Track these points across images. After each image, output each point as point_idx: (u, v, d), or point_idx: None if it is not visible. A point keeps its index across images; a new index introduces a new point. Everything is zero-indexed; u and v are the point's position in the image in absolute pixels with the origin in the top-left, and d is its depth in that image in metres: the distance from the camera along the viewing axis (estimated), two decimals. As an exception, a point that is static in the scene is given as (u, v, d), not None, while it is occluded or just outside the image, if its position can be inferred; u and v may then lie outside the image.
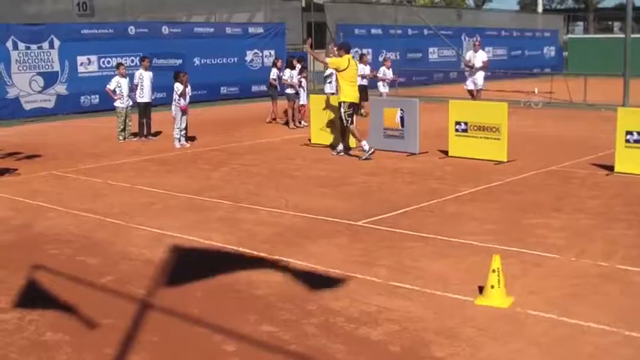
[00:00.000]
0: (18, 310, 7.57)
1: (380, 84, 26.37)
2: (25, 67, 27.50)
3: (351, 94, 16.98)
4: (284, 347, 6.52)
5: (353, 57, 17.90)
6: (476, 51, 25.15)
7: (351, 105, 16.96)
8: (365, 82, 24.64)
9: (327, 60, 18.65)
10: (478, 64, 24.49)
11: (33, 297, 8.02)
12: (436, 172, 14.79)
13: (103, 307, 7.64)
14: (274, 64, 25.66)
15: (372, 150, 16.49)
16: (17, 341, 6.78)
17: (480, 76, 24.45)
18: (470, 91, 24.62)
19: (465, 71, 25.24)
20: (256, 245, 9.70)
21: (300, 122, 23.17)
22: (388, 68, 26.64)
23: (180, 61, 30.56)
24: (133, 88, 20.62)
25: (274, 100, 24.51)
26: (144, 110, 20.77)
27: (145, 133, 20.69)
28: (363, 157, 16.39)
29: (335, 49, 18.73)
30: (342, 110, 16.90)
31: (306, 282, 8.19)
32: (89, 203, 12.58)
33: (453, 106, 16.81)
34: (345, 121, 16.98)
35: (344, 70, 16.92)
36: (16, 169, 15.08)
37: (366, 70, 24.99)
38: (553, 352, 6.36)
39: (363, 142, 16.67)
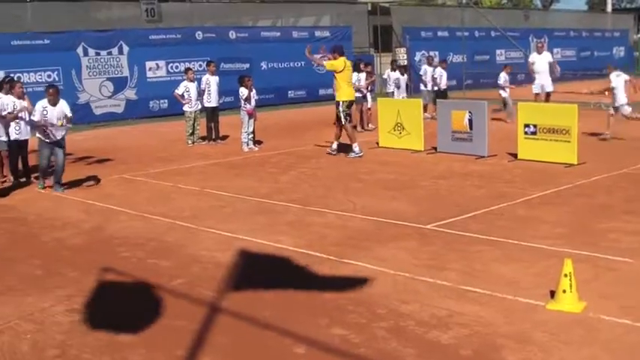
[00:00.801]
0: (92, 311, 7.68)
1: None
2: (95, 73, 27.93)
3: (348, 94, 18.17)
4: (354, 350, 6.51)
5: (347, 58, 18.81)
6: (540, 52, 24.61)
7: (350, 104, 18.20)
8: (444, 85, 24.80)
9: (324, 63, 19.09)
10: (543, 66, 23.94)
11: (106, 298, 8.14)
12: (505, 175, 14.65)
13: (174, 309, 7.71)
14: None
15: (362, 154, 17.61)
16: (91, 342, 6.88)
17: (547, 79, 23.87)
18: (537, 95, 23.62)
19: (532, 74, 24.71)
20: (325, 248, 9.70)
21: (367, 125, 23.15)
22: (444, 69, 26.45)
23: (247, 66, 30.69)
24: (200, 93, 20.82)
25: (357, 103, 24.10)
26: (211, 114, 20.97)
27: (213, 136, 20.87)
28: (351, 156, 17.55)
29: (326, 53, 19.49)
30: (340, 109, 17.92)
31: (376, 285, 8.17)
32: (159, 206, 12.72)
33: (522, 108, 16.64)
34: (342, 120, 17.90)
35: (341, 71, 17.98)
36: (92, 182, 15.30)
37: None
38: (626, 358, 6.26)
39: (354, 145, 17.68)
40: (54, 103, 14.08)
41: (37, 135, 14.31)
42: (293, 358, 6.42)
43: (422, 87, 26.90)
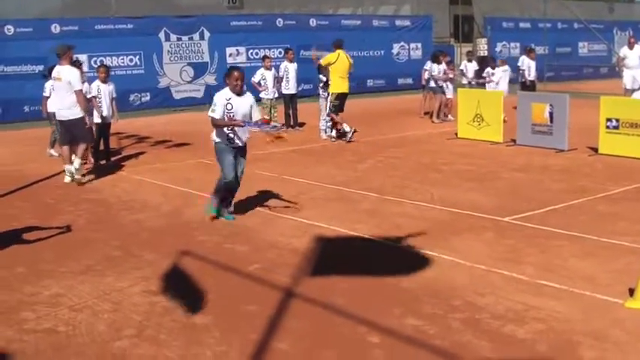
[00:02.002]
0: (167, 294, 7.77)
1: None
2: (176, 58, 28.24)
3: (338, 86, 18.75)
4: (429, 341, 6.47)
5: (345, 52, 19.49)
6: (631, 47, 24.03)
7: (339, 96, 18.76)
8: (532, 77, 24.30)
9: (321, 61, 19.25)
10: (634, 61, 23.38)
11: (182, 281, 8.21)
12: (585, 170, 14.42)
13: (250, 293, 7.76)
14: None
15: (350, 130, 18.65)
16: (167, 323, 6.96)
17: (639, 74, 23.21)
18: (627, 90, 22.79)
19: (620, 69, 24.09)
20: (402, 238, 9.66)
21: (446, 116, 22.99)
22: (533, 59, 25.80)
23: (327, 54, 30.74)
24: (278, 80, 20.89)
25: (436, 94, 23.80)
26: (289, 101, 21.04)
27: (292, 123, 20.92)
28: (348, 137, 18.62)
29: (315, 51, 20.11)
30: (330, 99, 18.75)
31: (451, 276, 8.12)
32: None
33: (604, 102, 16.33)
34: (330, 109, 18.75)
35: (333, 63, 18.73)
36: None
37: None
38: None
39: (344, 125, 18.75)
40: (239, 92, 10.93)
41: (215, 138, 10.88)
42: (367, 347, 6.40)
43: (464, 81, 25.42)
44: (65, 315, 7.19)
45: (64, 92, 13.88)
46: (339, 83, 18.68)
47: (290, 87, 20.97)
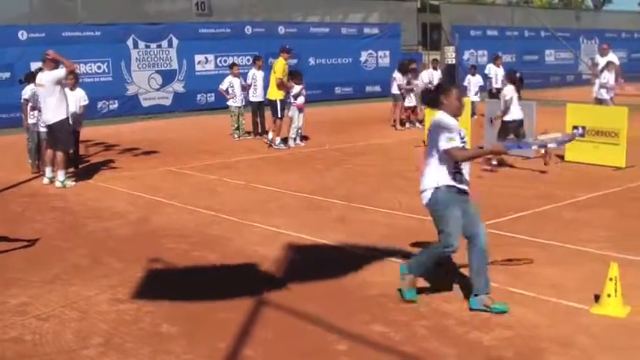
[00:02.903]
0: (135, 302, 7.76)
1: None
2: (144, 65, 28.15)
3: (277, 93, 19.16)
4: (395, 348, 6.52)
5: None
6: (603, 55, 23.92)
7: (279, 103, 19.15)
8: (499, 85, 24.33)
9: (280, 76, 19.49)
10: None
11: (150, 289, 8.20)
12: (552, 177, 14.55)
13: (219, 301, 7.76)
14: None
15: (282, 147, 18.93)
16: (134, 331, 6.95)
17: (612, 82, 23.04)
18: (600, 101, 21.71)
19: (593, 77, 23.94)
20: (369, 246, 9.69)
21: (413, 123, 23.15)
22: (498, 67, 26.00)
23: (295, 61, 30.79)
24: (245, 87, 20.92)
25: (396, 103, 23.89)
26: (257, 109, 21.05)
27: (260, 131, 20.93)
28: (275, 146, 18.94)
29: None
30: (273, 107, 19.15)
31: (417, 283, 8.15)
32: (205, 200, 12.80)
33: (570, 110, 16.48)
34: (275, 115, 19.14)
35: (275, 72, 19.23)
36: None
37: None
38: (672, 364, 6.21)
39: (278, 139, 18.98)
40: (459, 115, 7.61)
41: (439, 182, 7.64)
42: (335, 355, 6.43)
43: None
44: (32, 324, 7.16)
45: (47, 96, 14.03)
46: (271, 90, 19.47)
47: (257, 95, 20.95)
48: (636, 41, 47.72)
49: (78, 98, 15.71)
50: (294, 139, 19.29)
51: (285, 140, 19.18)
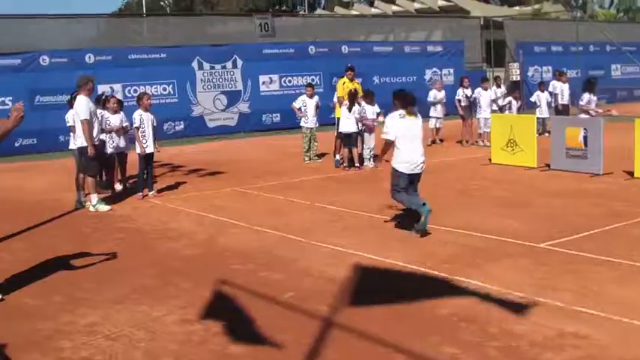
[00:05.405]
0: (203, 322, 7.77)
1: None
2: (209, 87, 28.46)
3: (338, 111, 19.38)
4: (466, 369, 6.44)
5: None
6: None
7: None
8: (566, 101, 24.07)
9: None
10: None
11: (217, 310, 8.21)
12: (622, 194, 14.30)
13: (285, 322, 7.73)
14: (461, 84, 24.58)
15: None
16: (202, 353, 6.96)
17: None
18: None
19: None
20: (437, 265, 9.61)
21: (478, 142, 22.98)
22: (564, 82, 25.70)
23: (360, 80, 30.72)
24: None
25: (465, 121, 23.82)
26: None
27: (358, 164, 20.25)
28: None
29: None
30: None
31: (487, 304, 8.05)
32: (271, 220, 12.82)
33: (639, 124, 16.23)
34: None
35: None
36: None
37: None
38: None
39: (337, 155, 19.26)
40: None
41: None
42: (403, 376, 6.37)
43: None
44: (102, 344, 7.21)
45: (77, 121, 14.28)
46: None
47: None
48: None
49: (116, 121, 15.75)
50: (369, 160, 19.12)
51: (361, 162, 19.05)
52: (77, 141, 14.43)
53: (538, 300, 8.09)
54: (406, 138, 11.65)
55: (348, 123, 18.75)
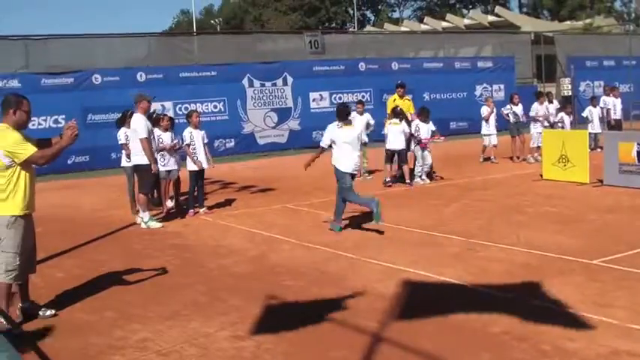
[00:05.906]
0: (254, 339, 7.76)
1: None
2: (259, 104, 28.63)
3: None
4: (519, 387, 6.36)
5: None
6: None
7: None
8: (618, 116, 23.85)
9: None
10: None
11: (268, 326, 8.20)
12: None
13: (336, 339, 7.70)
14: (511, 100, 24.39)
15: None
16: (254, 369, 6.95)
17: None
18: None
19: None
20: (489, 282, 9.53)
21: (528, 157, 22.80)
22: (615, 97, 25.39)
23: (410, 97, 30.72)
24: (367, 127, 20.50)
25: (513, 137, 23.61)
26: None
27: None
28: None
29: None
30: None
31: (540, 321, 7.95)
32: (321, 236, 12.81)
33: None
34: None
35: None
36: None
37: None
38: None
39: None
40: None
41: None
42: (456, 393, 6.31)
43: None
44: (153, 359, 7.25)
45: (134, 139, 14.47)
46: None
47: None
48: None
49: (167, 139, 15.80)
50: (421, 177, 19.07)
51: (411, 178, 19.00)
52: (134, 159, 14.58)
53: (591, 317, 7.97)
54: (346, 144, 13.35)
55: (394, 140, 18.68)
